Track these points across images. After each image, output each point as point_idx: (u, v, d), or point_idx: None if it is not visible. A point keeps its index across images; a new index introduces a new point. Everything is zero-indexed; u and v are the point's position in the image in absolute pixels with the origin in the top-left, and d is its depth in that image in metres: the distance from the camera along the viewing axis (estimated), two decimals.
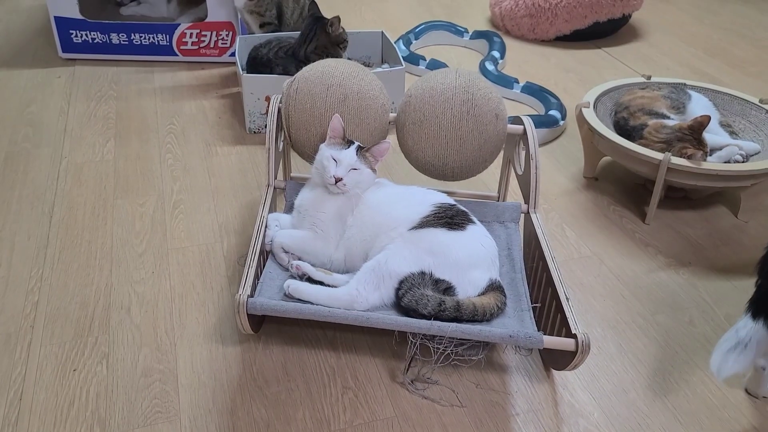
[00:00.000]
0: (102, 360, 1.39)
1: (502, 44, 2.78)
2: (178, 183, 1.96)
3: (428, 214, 1.41)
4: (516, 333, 1.24)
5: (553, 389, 1.37)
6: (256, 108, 2.18)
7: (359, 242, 1.44)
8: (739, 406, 1.34)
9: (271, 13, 2.34)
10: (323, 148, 1.49)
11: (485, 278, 1.36)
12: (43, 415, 1.27)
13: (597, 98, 2.04)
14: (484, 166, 1.63)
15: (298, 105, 1.59)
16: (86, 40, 2.63)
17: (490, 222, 1.61)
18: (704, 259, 1.74)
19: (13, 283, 1.58)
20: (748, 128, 2.01)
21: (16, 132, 2.19)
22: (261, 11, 2.34)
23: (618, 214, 1.91)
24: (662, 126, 1.85)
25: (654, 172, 1.77)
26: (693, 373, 1.41)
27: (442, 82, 1.58)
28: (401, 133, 1.64)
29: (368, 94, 1.59)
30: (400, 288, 1.31)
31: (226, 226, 1.79)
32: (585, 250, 1.76)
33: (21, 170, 2.00)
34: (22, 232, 1.74)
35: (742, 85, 2.62)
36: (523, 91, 2.47)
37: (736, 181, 1.76)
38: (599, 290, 1.63)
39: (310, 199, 1.49)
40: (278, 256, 1.46)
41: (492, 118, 1.56)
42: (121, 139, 2.16)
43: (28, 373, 1.36)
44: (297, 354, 1.41)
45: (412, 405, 1.31)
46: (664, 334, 1.51)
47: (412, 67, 2.60)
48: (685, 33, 3.15)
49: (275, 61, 2.19)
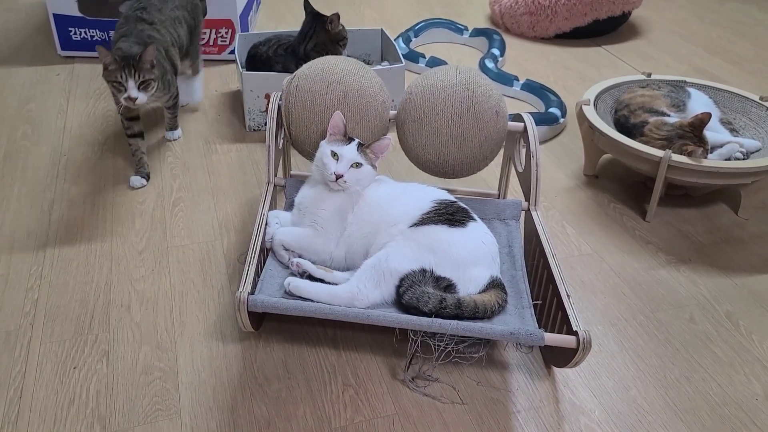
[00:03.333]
0: (102, 358, 1.38)
1: (501, 42, 2.77)
2: (178, 181, 1.96)
3: (429, 211, 1.41)
4: (517, 330, 1.23)
5: (554, 386, 1.36)
6: (255, 106, 2.17)
7: (360, 239, 1.43)
8: (740, 403, 1.34)
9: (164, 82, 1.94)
10: (323, 145, 1.48)
11: (486, 275, 1.36)
12: (43, 412, 1.27)
13: (597, 96, 2.04)
14: (485, 163, 1.63)
15: (298, 102, 1.58)
16: (85, 38, 2.62)
17: (491, 219, 1.61)
18: (705, 256, 1.74)
19: (13, 281, 1.58)
20: (749, 125, 2.01)
21: (15, 130, 2.19)
22: (163, 92, 1.95)
23: (618, 211, 1.90)
24: (663, 123, 1.85)
25: (654, 170, 1.77)
26: (694, 370, 1.41)
27: (442, 79, 1.57)
28: (401, 130, 1.63)
29: (368, 91, 1.59)
30: (401, 285, 1.31)
31: (226, 223, 1.79)
32: (585, 248, 1.76)
33: (20, 168, 1.99)
34: (21, 230, 1.74)
35: (742, 83, 2.62)
36: (523, 88, 2.47)
37: (737, 178, 1.76)
38: (600, 287, 1.62)
39: (310, 197, 1.49)
40: (278, 254, 1.46)
41: (492, 116, 1.56)
42: (120, 137, 2.15)
43: (28, 370, 1.35)
44: (297, 351, 1.41)
45: (412, 402, 1.31)
46: (664, 331, 1.51)
47: (412, 65, 2.60)
48: (685, 31, 3.15)
49: (275, 58, 2.19)
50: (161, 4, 2.00)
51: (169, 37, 1.98)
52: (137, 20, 1.90)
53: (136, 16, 1.91)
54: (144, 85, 1.77)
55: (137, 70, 1.75)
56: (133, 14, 1.93)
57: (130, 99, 1.76)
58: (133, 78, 1.74)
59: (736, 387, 1.38)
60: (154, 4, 1.98)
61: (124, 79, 1.74)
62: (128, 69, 1.74)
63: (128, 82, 1.74)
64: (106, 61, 1.75)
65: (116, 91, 1.79)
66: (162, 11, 1.99)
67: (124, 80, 1.74)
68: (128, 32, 1.87)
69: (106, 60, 1.75)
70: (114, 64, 1.74)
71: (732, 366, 1.42)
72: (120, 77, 1.74)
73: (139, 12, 1.93)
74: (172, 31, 2.01)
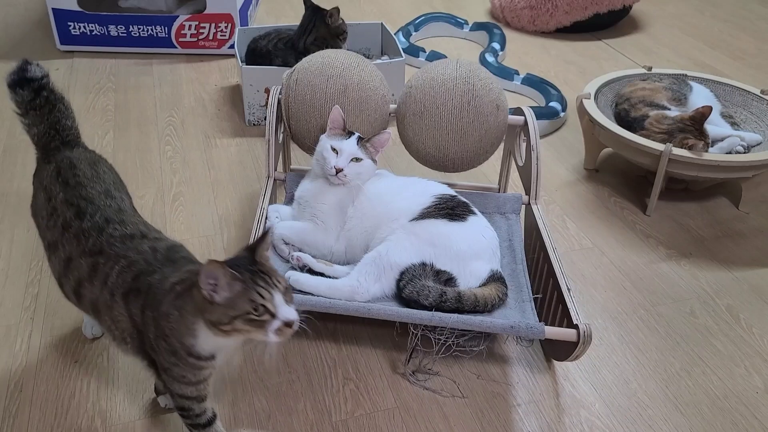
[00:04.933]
0: (102, 352, 1.38)
1: (502, 36, 2.77)
2: (178, 175, 1.95)
3: (429, 205, 1.40)
4: (517, 324, 1.23)
5: (555, 380, 1.36)
6: (255, 100, 2.17)
7: (360, 233, 1.43)
8: (740, 396, 1.34)
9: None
10: (323, 139, 1.48)
11: (486, 269, 1.36)
12: (43, 406, 1.27)
13: (598, 90, 2.04)
14: (485, 157, 1.63)
15: (298, 96, 1.58)
16: (84, 32, 2.62)
17: (491, 213, 1.60)
18: (705, 250, 1.74)
19: (13, 276, 1.58)
20: (750, 119, 2.01)
21: (15, 125, 2.18)
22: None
23: (619, 205, 1.90)
24: (664, 117, 1.84)
25: (655, 163, 1.76)
26: (694, 364, 1.41)
27: (442, 73, 1.57)
28: (402, 124, 1.63)
29: (368, 85, 1.58)
30: (401, 279, 1.31)
31: (226, 218, 1.78)
32: (586, 242, 1.75)
33: (20, 163, 1.99)
34: (21, 225, 1.74)
35: (743, 76, 2.61)
36: (523, 83, 2.46)
37: (738, 172, 1.76)
38: (600, 281, 1.62)
39: (310, 191, 1.48)
40: (279, 248, 1.46)
41: (493, 109, 1.55)
42: (120, 132, 2.15)
43: (28, 365, 1.35)
44: (298, 345, 1.41)
45: (413, 396, 1.31)
46: (665, 324, 1.51)
47: (412, 59, 2.59)
48: (686, 24, 3.14)
49: (274, 52, 2.18)
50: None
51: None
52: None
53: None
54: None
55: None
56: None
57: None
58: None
59: (737, 380, 1.38)
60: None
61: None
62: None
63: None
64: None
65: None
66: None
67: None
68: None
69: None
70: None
71: (732, 359, 1.42)
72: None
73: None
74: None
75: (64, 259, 1.11)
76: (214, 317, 0.93)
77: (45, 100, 1.23)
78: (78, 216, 1.12)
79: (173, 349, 1.01)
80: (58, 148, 1.23)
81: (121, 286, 1.05)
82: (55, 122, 1.24)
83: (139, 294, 1.03)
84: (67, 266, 1.11)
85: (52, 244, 1.14)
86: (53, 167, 1.20)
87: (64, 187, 1.16)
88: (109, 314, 1.07)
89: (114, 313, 1.06)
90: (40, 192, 1.20)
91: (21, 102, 1.23)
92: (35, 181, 1.24)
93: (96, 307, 1.09)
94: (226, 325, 0.93)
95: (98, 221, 1.11)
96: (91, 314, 1.13)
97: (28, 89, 1.22)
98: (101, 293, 1.07)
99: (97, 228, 1.10)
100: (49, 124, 1.24)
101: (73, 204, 1.13)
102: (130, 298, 1.04)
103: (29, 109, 1.24)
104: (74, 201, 1.14)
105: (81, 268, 1.09)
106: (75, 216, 1.12)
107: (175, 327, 0.99)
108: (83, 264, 1.09)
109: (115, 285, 1.05)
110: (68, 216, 1.12)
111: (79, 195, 1.14)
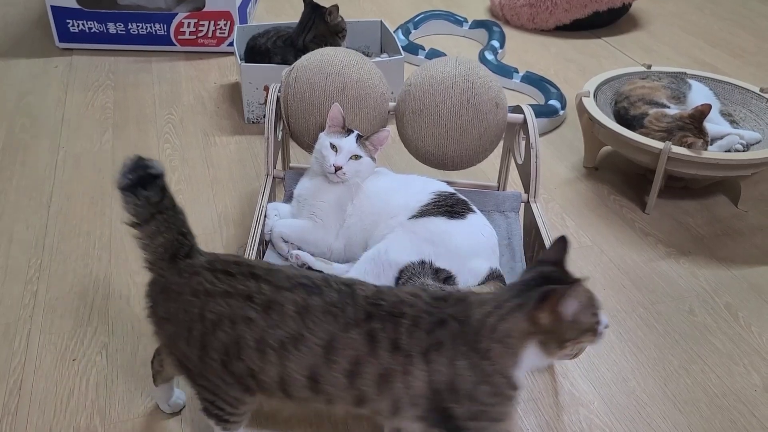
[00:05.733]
0: (101, 350, 1.38)
1: (501, 34, 2.76)
2: (177, 173, 1.95)
3: (428, 203, 1.40)
4: None
5: (553, 378, 1.37)
6: (254, 98, 2.16)
7: (359, 231, 1.43)
8: (739, 394, 1.34)
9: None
10: (322, 137, 1.48)
11: (485, 267, 1.36)
12: (42, 404, 1.27)
13: (597, 88, 2.03)
14: (484, 155, 1.63)
15: (297, 94, 1.58)
16: (83, 30, 2.61)
17: (490, 211, 1.60)
18: (704, 248, 1.74)
19: (12, 273, 1.57)
20: (749, 117, 2.01)
21: (14, 122, 2.18)
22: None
23: (618, 203, 1.90)
24: (663, 115, 1.84)
25: (654, 162, 1.76)
26: (693, 362, 1.41)
27: (441, 70, 1.57)
28: (401, 122, 1.63)
29: (368, 83, 1.58)
30: (400, 277, 1.31)
31: (225, 216, 1.78)
32: (585, 240, 1.75)
33: (19, 160, 1.99)
34: (20, 222, 1.74)
35: (742, 75, 2.61)
36: (522, 81, 2.46)
37: (737, 170, 1.76)
38: (599, 279, 1.62)
39: (309, 189, 1.48)
40: (278, 246, 1.46)
41: (492, 107, 1.55)
42: (118, 129, 2.15)
43: (27, 362, 1.35)
44: None
45: None
46: (664, 322, 1.51)
47: (411, 57, 2.59)
48: (686, 22, 3.14)
49: (273, 50, 2.18)
50: None
51: None
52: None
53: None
54: None
55: None
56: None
57: None
58: None
59: (735, 378, 1.38)
60: None
61: None
62: None
63: None
64: None
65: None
66: None
67: None
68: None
69: None
70: None
71: (731, 357, 1.43)
72: None
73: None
74: None
75: (322, 345, 0.93)
76: (567, 335, 0.92)
77: (171, 200, 1.01)
78: (312, 292, 0.95)
79: (496, 389, 0.93)
80: (189, 255, 1.01)
81: (416, 344, 0.92)
82: (180, 225, 1.02)
83: (442, 346, 0.93)
84: (329, 350, 0.93)
85: (288, 341, 0.93)
86: (209, 274, 0.97)
87: (256, 278, 0.96)
88: (399, 381, 0.93)
89: (408, 379, 0.93)
90: (206, 313, 0.95)
91: (144, 206, 0.98)
92: (167, 308, 1.00)
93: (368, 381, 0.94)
94: (572, 341, 0.92)
95: (341, 287, 0.96)
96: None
97: (154, 189, 0.98)
98: (392, 360, 0.92)
99: (348, 295, 0.95)
100: (177, 229, 1.01)
101: (299, 284, 0.95)
102: (431, 355, 0.92)
103: (155, 212, 0.99)
104: (288, 283, 0.96)
105: (353, 342, 0.93)
106: (308, 294, 0.94)
107: (499, 361, 0.92)
108: (355, 337, 0.93)
109: (410, 345, 0.92)
110: (299, 298, 0.94)
111: (285, 276, 0.97)
